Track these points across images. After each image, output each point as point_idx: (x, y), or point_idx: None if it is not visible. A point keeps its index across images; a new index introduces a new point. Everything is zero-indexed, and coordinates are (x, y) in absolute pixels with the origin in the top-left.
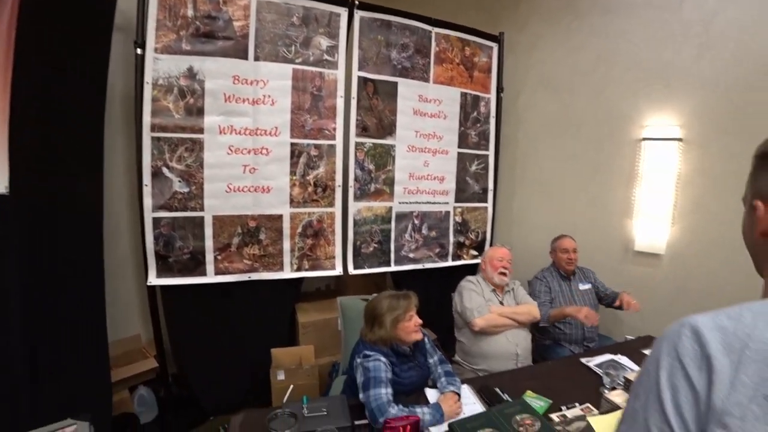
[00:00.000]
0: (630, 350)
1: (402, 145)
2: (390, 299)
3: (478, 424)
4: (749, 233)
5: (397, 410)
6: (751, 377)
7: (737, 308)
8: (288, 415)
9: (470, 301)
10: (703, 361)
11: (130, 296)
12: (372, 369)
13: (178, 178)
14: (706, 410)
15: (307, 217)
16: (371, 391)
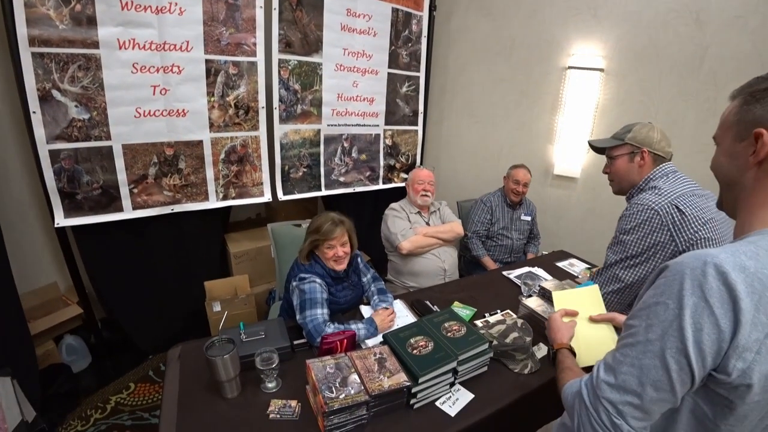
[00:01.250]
0: (545, 263)
1: (329, 63)
2: (322, 221)
3: (410, 333)
4: (737, 164)
5: (333, 328)
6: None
7: (753, 247)
8: (225, 341)
9: (394, 226)
10: (730, 303)
11: (38, 242)
12: (308, 291)
13: (74, 102)
14: (727, 347)
15: (230, 142)
16: (307, 312)
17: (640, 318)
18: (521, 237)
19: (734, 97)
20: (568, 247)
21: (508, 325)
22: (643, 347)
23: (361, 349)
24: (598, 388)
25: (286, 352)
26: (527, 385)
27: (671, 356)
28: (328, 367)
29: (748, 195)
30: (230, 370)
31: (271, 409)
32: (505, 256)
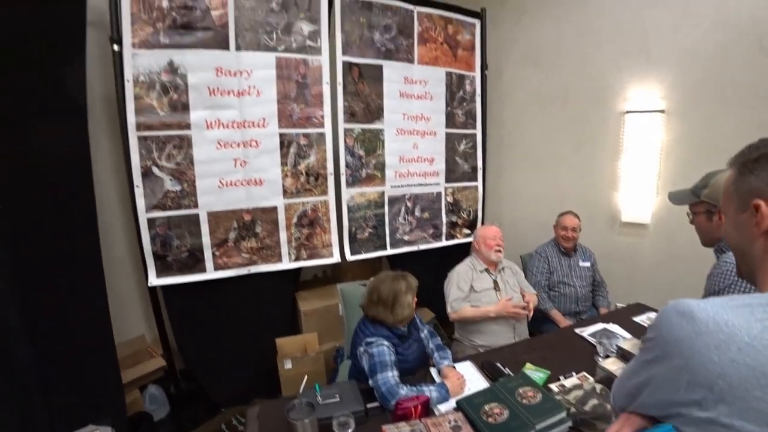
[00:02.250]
0: (620, 318)
1: (390, 128)
2: (393, 281)
3: (484, 399)
4: (744, 235)
5: (406, 390)
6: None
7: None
8: (305, 405)
9: (449, 293)
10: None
11: (131, 298)
12: (376, 354)
13: (169, 176)
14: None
15: (302, 207)
16: (379, 376)
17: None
18: (584, 284)
19: (731, 165)
20: (643, 298)
21: (586, 390)
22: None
23: (434, 415)
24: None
25: (360, 416)
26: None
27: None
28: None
29: (760, 263)
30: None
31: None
32: (573, 305)
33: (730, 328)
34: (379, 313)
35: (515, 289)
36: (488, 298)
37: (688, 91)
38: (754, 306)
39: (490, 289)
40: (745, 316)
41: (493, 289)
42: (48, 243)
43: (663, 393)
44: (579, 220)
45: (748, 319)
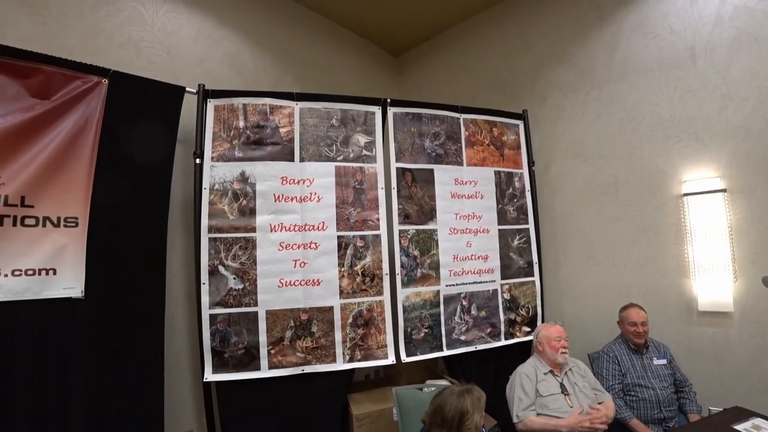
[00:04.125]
0: (719, 427)
1: (444, 228)
2: (471, 399)
3: None
4: None
5: None
6: None
7: None
8: None
9: (513, 399)
10: None
11: (185, 392)
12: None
13: (233, 275)
14: None
15: (357, 307)
16: None
17: None
18: (665, 385)
19: None
20: (741, 399)
21: None
22: None
23: None
24: None
25: None
26: None
27: None
28: None
29: None
30: None
31: None
32: (655, 411)
33: None
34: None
35: (585, 392)
36: (556, 404)
37: (748, 168)
38: None
39: (557, 394)
40: None
41: (561, 394)
42: (117, 333)
43: None
44: (645, 312)
45: None
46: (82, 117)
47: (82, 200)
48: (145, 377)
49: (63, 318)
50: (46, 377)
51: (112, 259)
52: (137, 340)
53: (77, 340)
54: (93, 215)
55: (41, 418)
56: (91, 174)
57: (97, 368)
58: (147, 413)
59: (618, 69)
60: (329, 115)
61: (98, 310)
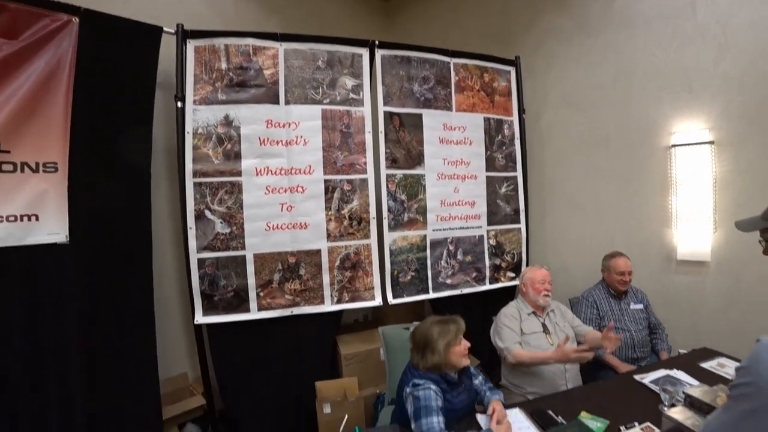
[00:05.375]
0: (685, 364)
1: (431, 173)
2: (439, 325)
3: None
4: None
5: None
6: None
7: None
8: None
9: (503, 340)
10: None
11: (177, 335)
12: (422, 398)
13: (220, 219)
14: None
15: (345, 251)
16: (423, 420)
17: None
18: (640, 328)
19: None
20: (710, 343)
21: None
22: None
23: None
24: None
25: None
26: None
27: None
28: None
29: None
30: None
31: None
32: (629, 351)
33: None
34: (413, 359)
35: (565, 331)
36: (537, 342)
37: (739, 121)
38: None
39: (539, 333)
40: None
41: (543, 333)
42: (107, 284)
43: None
44: (630, 261)
45: None
46: (53, 58)
47: (60, 145)
48: (136, 322)
49: (50, 264)
50: (40, 322)
51: (96, 205)
52: (127, 285)
53: (67, 286)
54: (73, 160)
55: (38, 360)
56: (67, 118)
57: (88, 313)
58: (141, 357)
59: (617, 17)
60: (315, 56)
61: (85, 256)
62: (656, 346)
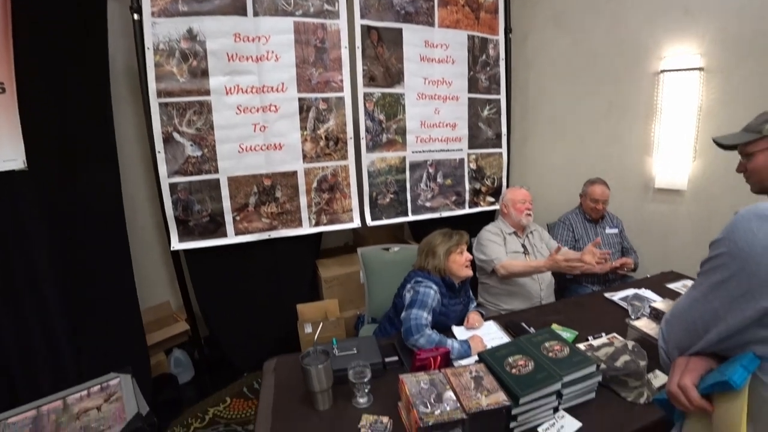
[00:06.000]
0: (653, 285)
1: (411, 93)
2: (443, 235)
3: (508, 352)
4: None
5: (433, 333)
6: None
7: None
8: (320, 352)
9: (490, 252)
10: None
11: (156, 264)
12: (421, 293)
13: (190, 142)
14: None
15: (321, 172)
16: (413, 311)
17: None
18: (613, 251)
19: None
20: (676, 268)
21: (617, 347)
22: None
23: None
24: None
25: (378, 369)
26: (644, 416)
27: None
28: (422, 382)
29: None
30: (323, 380)
31: (362, 424)
32: (599, 275)
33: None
34: (417, 262)
35: (543, 252)
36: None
37: (732, 47)
38: None
39: (519, 253)
40: None
41: (522, 253)
42: (73, 206)
43: (741, 318)
44: (609, 189)
45: None
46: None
47: (4, 64)
48: (110, 250)
49: (9, 192)
50: (6, 255)
51: (54, 129)
52: (96, 213)
53: (30, 216)
54: (21, 81)
55: (13, 294)
56: (8, 34)
57: (58, 243)
58: (119, 285)
59: None
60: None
61: (48, 184)
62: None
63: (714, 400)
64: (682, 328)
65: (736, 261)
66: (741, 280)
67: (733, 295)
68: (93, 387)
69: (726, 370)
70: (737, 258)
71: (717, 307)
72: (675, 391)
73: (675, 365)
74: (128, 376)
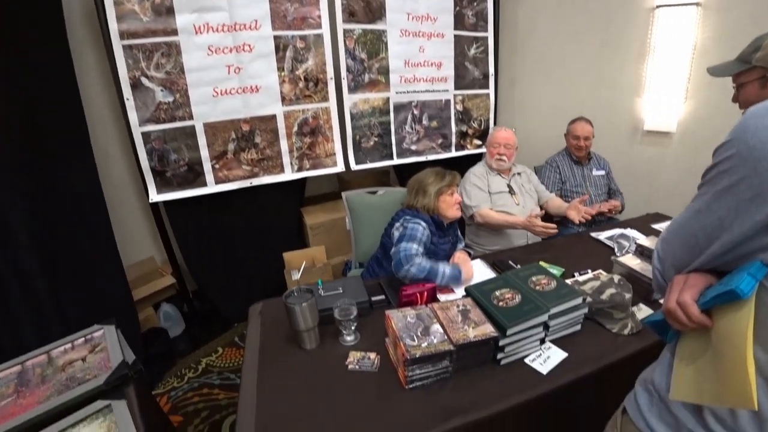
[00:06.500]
0: (639, 225)
1: (394, 29)
2: (435, 174)
3: (495, 285)
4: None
5: (423, 260)
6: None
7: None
8: (304, 291)
9: (470, 198)
10: None
11: (137, 219)
12: (410, 228)
13: (160, 87)
14: None
15: (302, 115)
16: (403, 244)
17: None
18: (599, 192)
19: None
20: (663, 211)
21: (603, 281)
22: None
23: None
24: None
25: (364, 308)
26: (627, 346)
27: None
28: (409, 317)
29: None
30: (309, 319)
31: (350, 360)
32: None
33: None
34: (407, 200)
35: (530, 193)
36: (502, 201)
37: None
38: None
39: (504, 193)
40: None
41: (508, 193)
42: (39, 160)
43: (750, 224)
44: (592, 127)
45: None
46: None
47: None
48: (85, 204)
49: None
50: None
51: (8, 76)
52: (66, 165)
53: (2, 179)
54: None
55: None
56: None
57: (29, 201)
58: (98, 240)
59: None
60: None
61: (10, 137)
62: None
63: (714, 315)
64: (681, 243)
65: (747, 162)
66: (752, 182)
67: (741, 200)
68: (77, 340)
69: (731, 280)
70: (748, 159)
71: (722, 216)
72: (673, 308)
73: (673, 283)
74: (112, 327)
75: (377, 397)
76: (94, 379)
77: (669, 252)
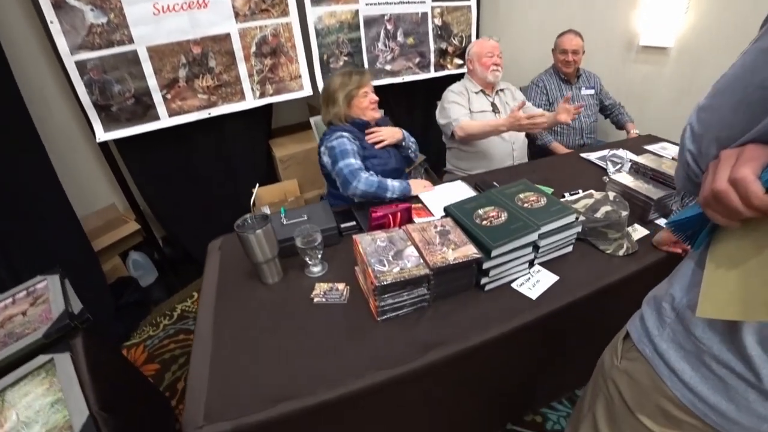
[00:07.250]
0: (631, 146)
1: None
2: (342, 76)
3: (477, 204)
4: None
5: (370, 175)
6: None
7: None
8: (259, 219)
9: (450, 113)
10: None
11: (89, 164)
12: (336, 145)
13: (89, 6)
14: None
15: (260, 32)
16: (340, 163)
17: None
18: (590, 113)
19: None
20: (655, 131)
21: (597, 199)
22: None
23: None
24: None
25: (332, 235)
26: (623, 268)
27: None
28: (379, 240)
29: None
30: (266, 249)
31: (316, 293)
32: (577, 138)
33: None
34: (323, 118)
35: None
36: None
37: None
38: None
39: (488, 112)
40: None
41: (492, 112)
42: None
43: None
44: (582, 41)
45: None
46: None
47: None
48: (22, 149)
49: None
50: None
51: None
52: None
53: None
54: None
55: None
56: None
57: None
58: (48, 197)
59: None
60: None
61: None
62: (620, 122)
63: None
64: (734, 104)
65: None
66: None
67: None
68: (18, 294)
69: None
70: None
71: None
72: (724, 189)
73: (720, 159)
74: (56, 277)
75: (346, 332)
76: (33, 333)
77: (713, 121)
